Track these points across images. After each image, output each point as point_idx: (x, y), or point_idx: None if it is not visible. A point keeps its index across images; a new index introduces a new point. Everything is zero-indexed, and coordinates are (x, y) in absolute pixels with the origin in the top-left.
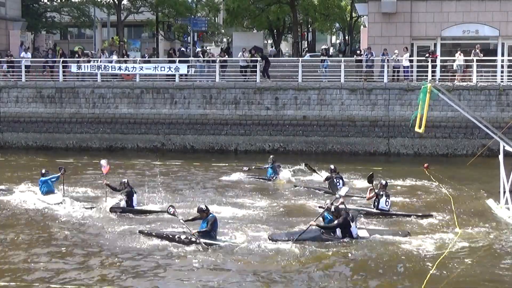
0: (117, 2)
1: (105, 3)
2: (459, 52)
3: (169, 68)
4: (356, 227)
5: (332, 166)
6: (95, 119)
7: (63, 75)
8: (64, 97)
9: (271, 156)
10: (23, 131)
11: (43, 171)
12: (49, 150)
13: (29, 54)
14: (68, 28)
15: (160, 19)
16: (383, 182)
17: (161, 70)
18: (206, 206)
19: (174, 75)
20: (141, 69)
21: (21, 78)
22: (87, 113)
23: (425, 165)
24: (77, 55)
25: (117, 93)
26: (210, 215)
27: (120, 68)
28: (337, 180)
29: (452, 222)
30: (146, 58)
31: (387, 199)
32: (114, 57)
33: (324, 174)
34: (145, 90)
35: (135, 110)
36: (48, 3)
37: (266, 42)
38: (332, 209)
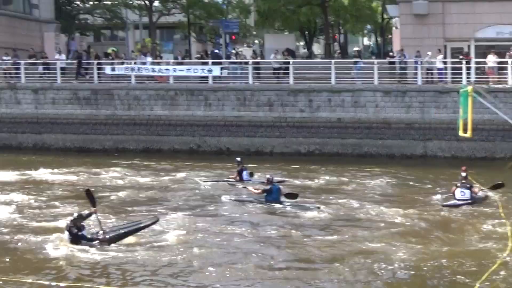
0: (148, 4)
1: (136, 5)
2: (492, 54)
3: (202, 70)
4: None
5: None
6: (131, 121)
7: (98, 77)
8: (100, 98)
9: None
10: (60, 133)
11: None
12: (86, 152)
13: (63, 56)
14: (101, 30)
15: (192, 21)
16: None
17: (194, 72)
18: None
19: (208, 77)
20: (174, 71)
21: (56, 80)
22: (123, 114)
23: (463, 168)
24: (110, 57)
25: (152, 94)
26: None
27: (153, 70)
28: None
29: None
30: (179, 60)
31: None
32: (148, 59)
33: None
34: (179, 92)
35: (170, 112)
36: (81, 5)
37: (298, 44)
38: None
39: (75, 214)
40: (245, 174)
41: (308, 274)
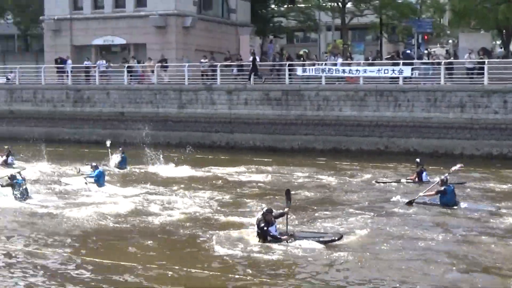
0: (341, 6)
1: (330, 7)
2: None
3: (393, 70)
4: None
5: None
6: (320, 121)
7: (289, 78)
8: (290, 99)
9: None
10: (251, 132)
11: None
12: (275, 151)
13: (257, 58)
14: (294, 32)
15: (384, 21)
16: None
17: (384, 73)
18: None
19: (398, 77)
20: (365, 72)
21: (249, 81)
22: (312, 115)
23: None
24: (302, 59)
25: (341, 95)
26: None
27: (344, 71)
28: None
29: None
30: (370, 61)
31: None
32: (339, 60)
33: None
34: (369, 93)
35: (359, 112)
36: (276, 8)
37: (494, 43)
38: None
39: (266, 208)
40: (424, 175)
41: (496, 283)
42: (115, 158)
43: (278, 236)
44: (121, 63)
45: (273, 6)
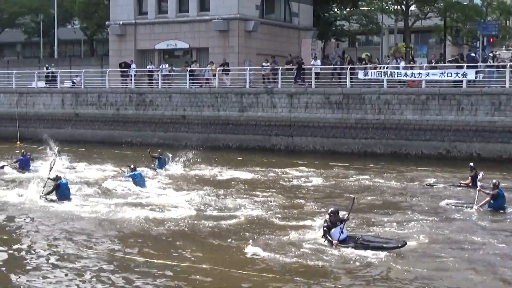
0: (404, 9)
1: (393, 9)
2: None
3: (456, 74)
4: None
5: None
6: (380, 125)
7: (350, 82)
8: (351, 103)
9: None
10: (311, 136)
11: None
12: (335, 155)
13: (318, 62)
14: (356, 35)
15: (448, 24)
16: None
17: (447, 76)
18: None
19: (461, 81)
20: (427, 75)
21: (311, 84)
22: (373, 119)
23: None
24: (363, 62)
25: (403, 99)
26: None
27: (406, 75)
28: None
29: None
30: (433, 64)
31: None
32: (402, 64)
33: None
34: (431, 97)
35: (420, 116)
36: (338, 12)
37: None
38: None
39: (331, 209)
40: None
41: None
42: (161, 160)
43: (331, 240)
44: (183, 67)
45: (335, 9)
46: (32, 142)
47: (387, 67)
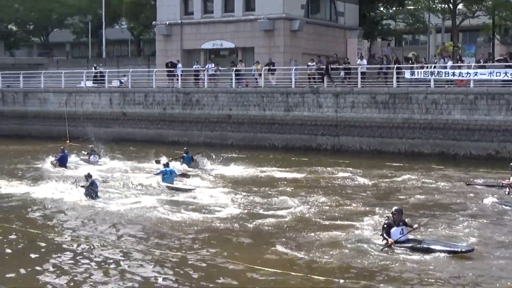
0: (452, 7)
1: (440, 8)
2: None
3: (505, 73)
4: None
5: None
6: (427, 125)
7: (397, 81)
8: (397, 102)
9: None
10: (358, 135)
11: None
12: (381, 154)
13: (364, 61)
14: (403, 34)
15: (497, 22)
16: None
17: (496, 76)
18: None
19: (510, 80)
20: (476, 74)
21: (357, 84)
22: (420, 118)
23: None
24: (410, 61)
25: (450, 99)
26: None
27: (453, 74)
28: None
29: None
30: (481, 63)
31: None
32: (449, 63)
33: None
34: (479, 96)
35: (469, 116)
36: (384, 11)
37: None
38: None
39: (396, 208)
40: None
41: None
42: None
43: (388, 238)
44: (229, 66)
45: (381, 8)
46: (81, 141)
47: (434, 67)
